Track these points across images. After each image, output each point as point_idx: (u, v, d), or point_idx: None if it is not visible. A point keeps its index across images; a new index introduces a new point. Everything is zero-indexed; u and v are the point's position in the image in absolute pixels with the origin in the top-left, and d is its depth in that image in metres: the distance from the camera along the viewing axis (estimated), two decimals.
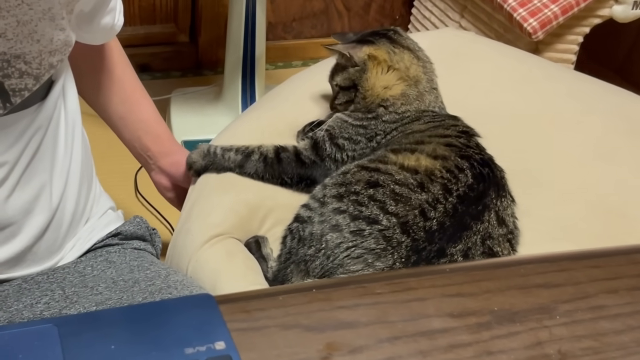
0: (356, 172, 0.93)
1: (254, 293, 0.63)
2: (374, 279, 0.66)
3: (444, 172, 0.91)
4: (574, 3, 1.75)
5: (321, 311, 0.58)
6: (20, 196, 0.81)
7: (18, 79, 0.75)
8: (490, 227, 0.90)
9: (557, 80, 1.34)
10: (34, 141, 0.81)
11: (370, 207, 0.88)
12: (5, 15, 0.71)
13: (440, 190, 0.90)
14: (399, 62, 1.04)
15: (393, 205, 0.88)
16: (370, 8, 2.39)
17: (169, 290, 0.85)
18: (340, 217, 0.88)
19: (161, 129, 1.19)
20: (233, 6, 1.77)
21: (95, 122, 1.95)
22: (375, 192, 0.89)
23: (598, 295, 0.63)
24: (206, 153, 1.05)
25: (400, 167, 0.92)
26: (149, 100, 1.18)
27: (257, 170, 1.02)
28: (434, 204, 0.89)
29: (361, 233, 0.87)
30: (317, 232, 0.89)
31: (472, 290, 0.62)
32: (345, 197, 0.90)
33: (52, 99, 0.83)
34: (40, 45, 0.75)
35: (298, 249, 0.91)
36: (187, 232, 1.01)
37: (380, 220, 0.87)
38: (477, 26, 1.95)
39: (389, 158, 0.94)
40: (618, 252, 0.70)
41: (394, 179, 0.90)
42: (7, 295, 0.83)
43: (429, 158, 0.93)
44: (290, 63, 2.35)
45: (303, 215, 0.93)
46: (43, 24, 0.75)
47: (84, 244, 0.91)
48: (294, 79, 1.30)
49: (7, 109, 0.76)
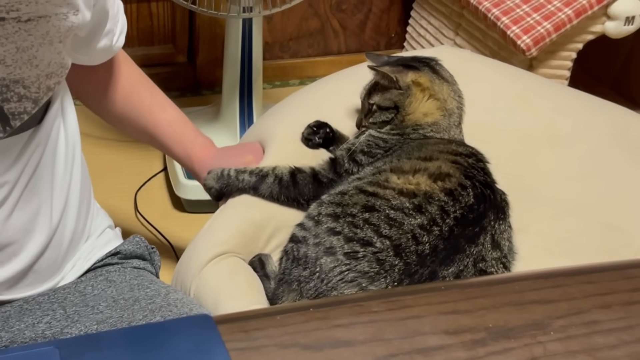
0: (354, 195, 0.94)
1: (252, 313, 0.64)
2: (371, 297, 0.67)
3: (441, 195, 0.92)
4: (567, 20, 1.77)
5: (318, 330, 0.59)
6: (21, 215, 0.82)
7: (17, 102, 0.76)
8: (484, 250, 0.91)
9: (551, 97, 1.35)
10: (32, 161, 0.82)
11: (365, 230, 0.89)
12: (4, 42, 0.73)
13: (437, 212, 0.91)
14: (440, 93, 1.06)
15: (387, 229, 0.89)
16: (366, 27, 2.41)
17: (169, 308, 0.85)
18: (335, 238, 0.89)
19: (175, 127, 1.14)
20: (230, 27, 1.79)
21: (95, 142, 1.97)
22: (371, 216, 0.90)
23: (592, 311, 0.64)
24: (220, 176, 1.06)
25: (399, 192, 0.93)
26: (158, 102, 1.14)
27: (272, 192, 1.03)
28: (428, 227, 0.89)
29: (355, 255, 0.87)
30: (311, 255, 0.90)
31: (467, 307, 0.63)
32: (341, 218, 0.91)
33: (49, 119, 0.84)
34: (38, 70, 0.77)
35: (292, 269, 0.91)
36: (194, 249, 1.01)
37: (374, 242, 0.88)
38: (472, 43, 1.97)
39: (390, 182, 0.95)
40: (611, 268, 0.71)
41: (390, 204, 0.91)
42: (9, 315, 0.84)
43: (430, 180, 0.94)
44: (287, 82, 2.36)
45: (298, 236, 0.94)
46: (43, 49, 0.76)
47: (84, 263, 0.92)
48: (292, 98, 1.31)
49: (7, 132, 0.77)
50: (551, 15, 1.77)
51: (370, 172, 1.00)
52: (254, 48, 1.80)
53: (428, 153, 1.00)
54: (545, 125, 1.27)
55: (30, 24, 0.74)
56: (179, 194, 1.79)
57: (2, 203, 0.80)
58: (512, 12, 1.81)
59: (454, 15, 2.03)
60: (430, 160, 0.98)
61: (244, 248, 1.00)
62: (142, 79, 1.10)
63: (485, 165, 1.03)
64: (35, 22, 0.74)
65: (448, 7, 2.05)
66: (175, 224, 1.78)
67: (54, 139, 0.86)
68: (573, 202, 1.13)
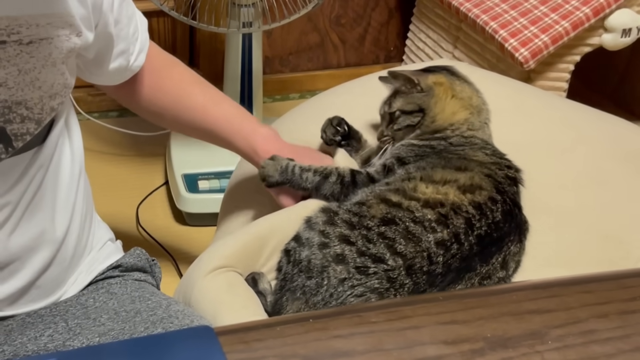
0: (374, 205, 0.92)
1: (252, 324, 0.64)
2: (370, 308, 0.68)
3: (470, 207, 0.90)
4: (564, 32, 1.78)
5: (318, 341, 0.60)
6: (23, 234, 0.82)
7: (20, 124, 0.76)
8: (492, 269, 0.90)
9: (550, 109, 1.36)
10: (35, 180, 0.82)
11: (378, 245, 0.87)
12: (6, 65, 0.73)
13: (462, 225, 0.89)
14: (462, 92, 1.07)
15: (402, 245, 0.87)
16: (365, 40, 2.43)
17: (170, 320, 0.86)
18: (347, 248, 0.87)
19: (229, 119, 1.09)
20: (230, 42, 1.80)
21: (97, 157, 1.98)
22: (387, 229, 0.88)
23: (589, 320, 0.64)
24: (283, 169, 1.01)
25: (424, 204, 0.90)
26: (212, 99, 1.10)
27: (333, 192, 1.00)
28: (448, 243, 0.87)
29: (366, 271, 0.86)
30: (316, 263, 0.88)
31: (465, 318, 0.64)
32: (356, 229, 0.89)
33: (53, 138, 0.84)
34: (41, 91, 0.77)
35: (293, 274, 0.89)
36: (199, 259, 1.02)
37: (386, 259, 0.86)
38: (470, 56, 1.98)
39: (417, 191, 0.93)
40: (608, 277, 0.71)
41: (412, 217, 0.89)
42: (12, 329, 0.84)
43: (459, 191, 0.92)
44: (287, 96, 2.38)
45: (302, 236, 0.91)
46: (46, 71, 0.76)
47: (86, 277, 0.93)
48: (293, 112, 1.32)
49: (9, 154, 0.77)
50: (548, 28, 1.79)
51: (399, 177, 0.97)
52: (254, 62, 1.82)
53: (463, 164, 0.97)
54: (544, 137, 1.27)
55: (32, 46, 0.74)
56: (180, 207, 1.80)
57: (4, 223, 0.80)
58: (509, 25, 1.82)
59: (452, 28, 2.05)
60: (463, 170, 0.96)
61: (244, 263, 1.00)
62: (193, 79, 1.07)
63: (518, 180, 1.01)
64: (37, 44, 0.75)
65: (446, 20, 2.07)
66: (177, 237, 1.78)
67: (57, 158, 0.86)
68: (572, 212, 1.13)
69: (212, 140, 1.09)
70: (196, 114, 1.05)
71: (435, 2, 2.08)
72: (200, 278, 0.96)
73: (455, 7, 1.95)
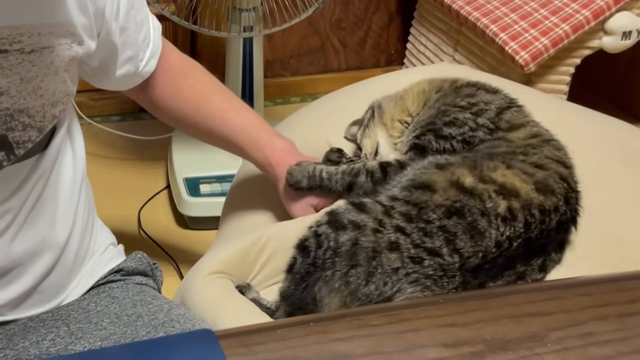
0: (441, 190, 0.86)
1: (253, 327, 0.64)
2: (370, 311, 0.68)
3: (536, 211, 0.87)
4: (564, 35, 1.78)
5: (318, 344, 0.60)
6: (25, 240, 0.82)
7: (22, 131, 0.76)
8: (530, 270, 0.89)
9: (550, 111, 1.36)
10: (37, 187, 0.82)
11: (436, 239, 0.83)
12: (8, 74, 0.73)
13: (522, 227, 0.86)
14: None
15: (462, 241, 0.83)
16: (366, 44, 2.43)
17: (172, 324, 0.86)
18: (402, 237, 0.83)
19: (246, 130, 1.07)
20: (231, 46, 1.81)
21: (98, 161, 1.99)
22: (450, 223, 0.84)
23: (588, 323, 0.64)
24: (311, 175, 1.00)
25: (498, 191, 0.86)
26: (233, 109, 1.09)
27: (365, 189, 0.98)
28: (505, 242, 0.85)
29: (421, 262, 0.83)
30: (366, 247, 0.82)
31: (465, 320, 0.64)
32: (414, 221, 0.84)
33: (54, 145, 0.84)
34: (43, 99, 0.77)
35: (326, 260, 0.83)
36: (198, 264, 1.02)
37: (443, 254, 0.83)
38: (471, 59, 1.98)
39: (497, 171, 0.88)
40: (607, 280, 0.71)
41: (482, 207, 0.84)
42: (14, 333, 0.84)
43: (533, 189, 0.88)
44: (288, 99, 2.38)
45: (345, 219, 0.85)
46: (48, 79, 0.76)
47: (87, 281, 0.93)
48: (293, 118, 1.33)
49: (11, 161, 0.77)
50: (549, 31, 1.79)
51: (482, 155, 0.92)
52: (255, 66, 1.82)
53: (539, 161, 0.94)
54: None
55: (34, 55, 0.74)
56: (182, 211, 1.80)
57: (6, 229, 0.80)
58: (510, 28, 1.83)
59: (453, 31, 2.05)
60: (541, 168, 0.92)
61: (239, 272, 1.00)
62: (213, 85, 1.06)
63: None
64: (39, 53, 0.75)
65: (447, 23, 2.07)
66: (179, 241, 1.79)
67: (59, 165, 0.86)
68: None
69: (229, 149, 1.08)
70: (215, 121, 1.04)
71: (435, 5, 2.09)
72: (197, 281, 0.96)
73: (455, 11, 1.96)
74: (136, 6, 0.91)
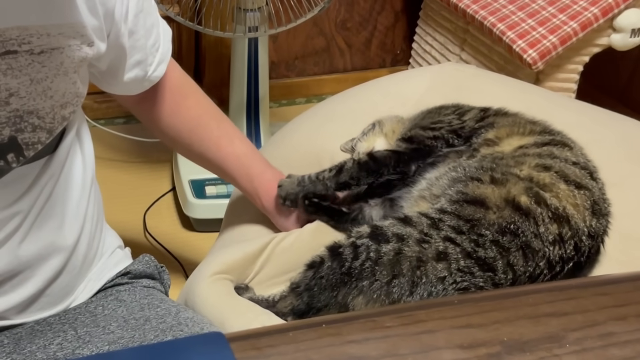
0: (495, 209, 0.81)
1: (264, 330, 0.63)
2: (384, 312, 0.67)
3: (585, 237, 0.84)
4: (572, 33, 1.77)
5: (331, 346, 0.59)
6: (35, 242, 0.82)
7: (31, 133, 0.76)
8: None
9: (559, 110, 1.35)
10: (46, 189, 0.82)
11: (489, 250, 0.79)
12: (18, 75, 0.72)
13: (571, 249, 0.83)
14: None
15: (517, 258, 0.80)
16: (371, 44, 2.42)
17: (180, 328, 0.85)
18: (451, 245, 0.79)
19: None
20: (236, 47, 1.80)
21: (103, 163, 1.98)
22: (504, 239, 0.80)
23: (607, 323, 0.63)
24: (300, 180, 1.01)
25: (552, 217, 0.82)
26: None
27: (351, 174, 0.96)
28: (555, 264, 0.82)
29: (472, 273, 0.79)
30: (410, 257, 0.78)
31: (481, 321, 0.63)
32: (465, 234, 0.80)
33: (64, 147, 0.83)
34: (53, 101, 0.76)
35: (364, 269, 0.80)
36: (203, 264, 1.01)
37: (496, 269, 0.79)
38: (478, 58, 1.97)
39: (553, 190, 0.84)
40: (625, 279, 0.70)
41: (535, 231, 0.81)
42: (21, 337, 0.83)
43: (588, 209, 0.85)
44: (293, 100, 2.37)
45: (390, 232, 0.81)
46: (58, 80, 0.75)
47: (95, 284, 0.92)
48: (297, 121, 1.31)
49: (20, 162, 0.77)
50: (557, 29, 1.78)
51: (534, 161, 0.88)
52: (260, 67, 1.81)
53: (590, 166, 0.92)
54: None
55: (44, 55, 0.74)
56: (187, 213, 1.79)
57: (14, 232, 0.79)
58: (517, 26, 1.82)
59: (459, 30, 2.04)
60: (594, 179, 0.90)
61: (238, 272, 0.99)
62: (211, 110, 1.07)
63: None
64: (49, 54, 0.74)
65: (453, 23, 2.06)
66: (184, 243, 1.78)
67: (68, 167, 0.85)
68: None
69: (220, 175, 1.11)
70: (209, 146, 1.06)
71: (441, 4, 2.08)
72: (200, 282, 0.96)
73: (462, 10, 1.94)
74: (145, 10, 0.90)
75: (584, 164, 0.93)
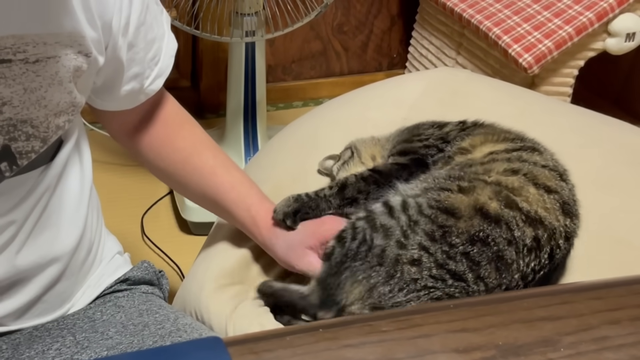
0: (465, 217, 0.82)
1: (261, 334, 0.64)
2: (380, 316, 0.67)
3: (561, 240, 0.85)
4: (568, 37, 1.78)
5: (328, 350, 0.59)
6: (32, 252, 0.81)
7: (25, 141, 0.75)
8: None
9: (554, 114, 1.35)
10: (42, 200, 0.81)
11: (460, 264, 0.81)
12: (11, 84, 0.71)
13: (546, 257, 0.83)
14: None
15: (487, 271, 0.81)
16: (368, 48, 2.43)
17: (179, 334, 0.85)
18: (425, 254, 0.81)
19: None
20: (233, 51, 1.81)
21: (100, 167, 1.98)
22: (474, 250, 0.81)
23: (601, 327, 0.63)
24: (296, 198, 0.96)
25: (525, 219, 0.82)
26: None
27: (359, 189, 0.94)
28: (530, 277, 0.82)
29: (445, 280, 0.81)
30: (391, 255, 0.82)
31: (476, 325, 0.63)
32: (437, 242, 0.82)
33: (61, 159, 0.83)
34: (47, 110, 0.75)
35: (358, 252, 0.83)
36: (201, 268, 1.01)
37: (467, 279, 0.81)
38: (474, 62, 1.98)
39: (522, 194, 0.85)
40: (619, 283, 0.71)
41: (509, 236, 0.81)
42: (19, 343, 0.84)
43: (560, 211, 0.86)
44: (290, 104, 2.38)
45: (378, 221, 0.84)
46: (52, 89, 0.75)
47: (94, 291, 0.92)
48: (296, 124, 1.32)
49: (14, 172, 0.76)
50: (552, 33, 1.79)
51: (502, 166, 0.88)
52: (257, 71, 1.82)
53: (560, 168, 0.92)
54: (549, 143, 1.27)
55: (39, 65, 0.73)
56: (185, 217, 1.80)
57: (10, 242, 0.79)
58: (512, 30, 1.82)
59: (455, 34, 2.05)
60: (564, 180, 0.90)
61: (244, 277, 0.99)
62: (206, 140, 1.01)
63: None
64: (44, 63, 0.73)
65: (449, 26, 2.07)
66: (182, 247, 1.78)
67: (65, 178, 0.84)
68: (582, 218, 1.13)
69: (213, 208, 1.02)
70: (203, 175, 0.99)
71: (437, 8, 2.09)
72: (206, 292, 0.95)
73: (457, 14, 1.95)
74: (148, 24, 0.87)
75: (554, 166, 0.93)
